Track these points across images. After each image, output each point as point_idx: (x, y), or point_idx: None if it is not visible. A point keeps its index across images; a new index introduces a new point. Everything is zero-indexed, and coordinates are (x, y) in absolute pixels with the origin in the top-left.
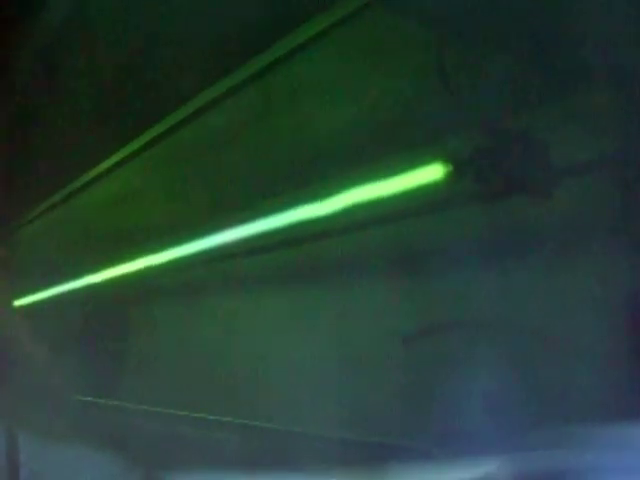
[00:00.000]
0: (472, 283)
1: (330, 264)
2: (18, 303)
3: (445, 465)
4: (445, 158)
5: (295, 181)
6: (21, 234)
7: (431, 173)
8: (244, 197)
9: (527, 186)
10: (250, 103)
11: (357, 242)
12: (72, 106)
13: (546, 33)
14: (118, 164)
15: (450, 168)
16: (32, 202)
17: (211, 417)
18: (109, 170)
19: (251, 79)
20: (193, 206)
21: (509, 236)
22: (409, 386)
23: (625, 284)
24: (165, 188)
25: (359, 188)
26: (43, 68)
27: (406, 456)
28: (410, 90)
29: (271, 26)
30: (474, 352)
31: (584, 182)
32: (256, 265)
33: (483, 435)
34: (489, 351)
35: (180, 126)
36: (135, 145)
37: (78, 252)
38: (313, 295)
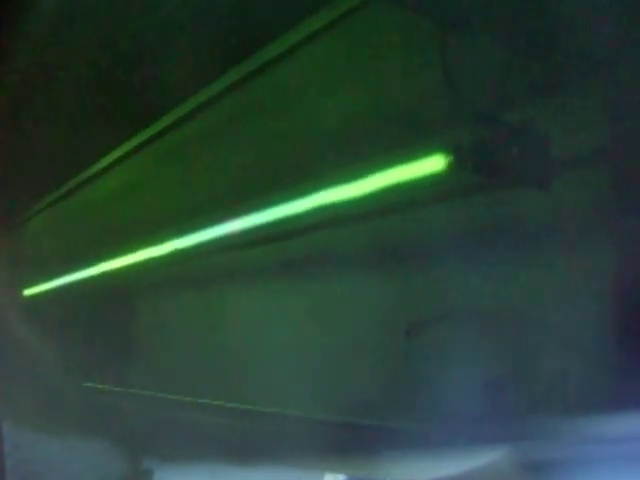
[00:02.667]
0: (471, 273)
1: (330, 255)
2: (25, 293)
3: (444, 451)
4: (445, 150)
5: (294, 175)
6: (29, 226)
7: (431, 165)
8: (245, 190)
9: (526, 178)
10: (255, 96)
11: (358, 233)
12: (76, 100)
13: (546, 27)
14: (122, 158)
15: (450, 160)
16: (39, 195)
17: (209, 402)
18: (114, 164)
19: (255, 73)
20: (193, 200)
21: (508, 227)
22: (409, 372)
23: (621, 275)
24: (167, 182)
25: (361, 180)
26: (46, 62)
27: (405, 440)
28: (411, 83)
29: (277, 20)
30: (472, 341)
31: (582, 174)
32: (255, 256)
33: (482, 422)
34: (487, 340)
35: (182, 121)
36: (139, 139)
37: (84, 244)
38: (311, 285)
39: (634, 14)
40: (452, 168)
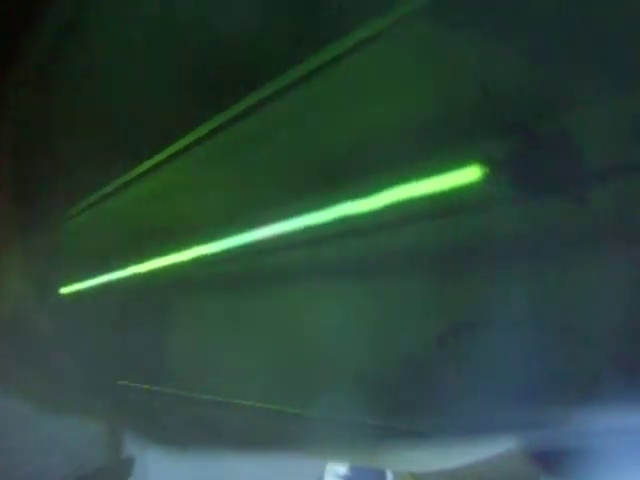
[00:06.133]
0: (505, 283)
1: (366, 261)
2: (65, 290)
3: (460, 444)
4: (481, 160)
5: (335, 179)
6: (72, 224)
7: (467, 175)
8: (290, 192)
9: (562, 189)
10: (299, 103)
11: (393, 240)
12: (124, 97)
13: (582, 37)
14: (168, 159)
15: (486, 170)
16: (85, 193)
17: (243, 403)
18: (159, 164)
19: (299, 81)
20: (239, 201)
21: (543, 238)
22: (429, 370)
23: None
24: (213, 182)
25: (396, 188)
26: (109, 60)
27: (420, 435)
28: (448, 93)
29: (318, 34)
30: (499, 344)
31: (618, 185)
32: (297, 259)
33: (498, 415)
34: (514, 343)
35: (229, 123)
36: (186, 141)
37: (127, 242)
38: (349, 289)
39: None
40: (487, 178)
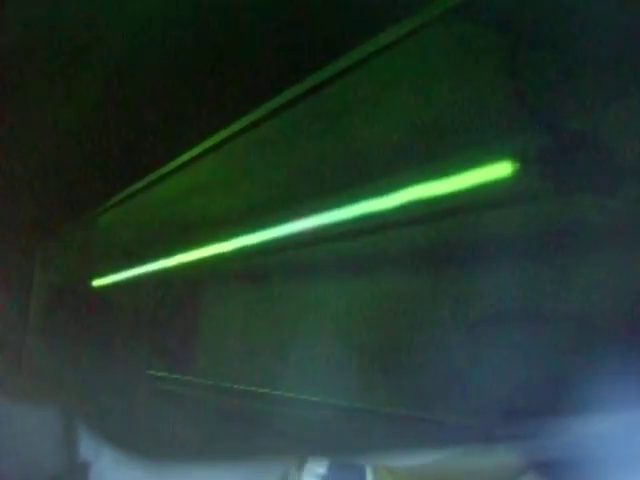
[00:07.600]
0: (533, 277)
1: (394, 255)
2: (97, 283)
3: (506, 446)
4: (512, 157)
5: (363, 176)
6: (103, 219)
7: (498, 170)
8: (312, 190)
9: (591, 185)
10: (328, 100)
11: (425, 235)
12: (155, 94)
13: (613, 36)
14: (196, 158)
15: (517, 166)
16: (114, 189)
17: (275, 393)
18: (187, 163)
19: (329, 81)
20: (261, 199)
21: (572, 234)
22: (469, 368)
23: None
24: (237, 181)
25: (428, 183)
26: (132, 61)
27: (468, 436)
28: (480, 90)
29: (354, 31)
30: (532, 340)
31: None
32: (318, 254)
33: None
34: (544, 340)
35: (254, 125)
36: (214, 140)
37: (155, 237)
38: (371, 284)
39: None
40: (518, 174)
